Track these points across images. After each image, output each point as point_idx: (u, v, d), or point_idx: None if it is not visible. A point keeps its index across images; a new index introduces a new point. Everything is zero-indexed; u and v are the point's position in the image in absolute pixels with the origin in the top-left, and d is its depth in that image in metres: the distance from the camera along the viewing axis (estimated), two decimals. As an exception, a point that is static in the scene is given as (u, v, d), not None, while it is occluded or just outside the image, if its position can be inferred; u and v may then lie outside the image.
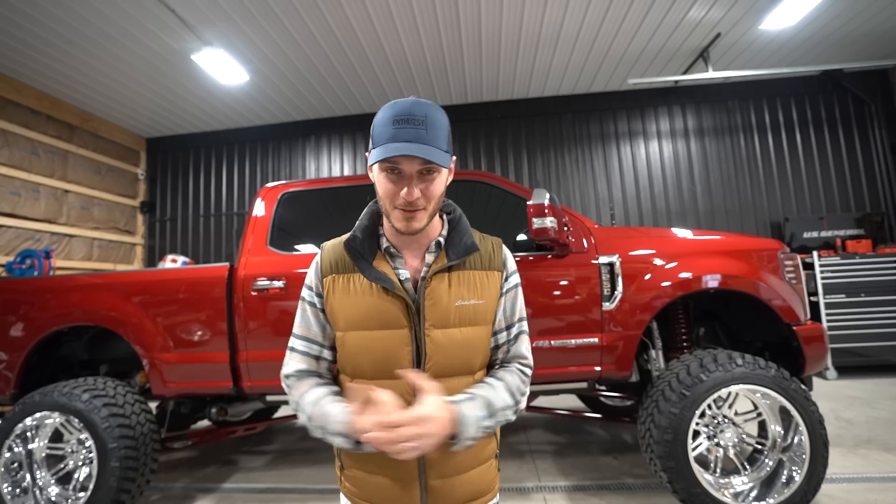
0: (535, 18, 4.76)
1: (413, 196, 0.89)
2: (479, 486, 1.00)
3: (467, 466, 0.98)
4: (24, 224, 5.44)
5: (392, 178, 0.91)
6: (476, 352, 0.99)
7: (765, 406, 2.31)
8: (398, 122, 0.88)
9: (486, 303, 0.99)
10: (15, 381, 2.69)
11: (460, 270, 0.99)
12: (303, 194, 2.94)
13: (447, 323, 0.95)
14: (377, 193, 0.97)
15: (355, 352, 0.97)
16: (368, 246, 1.00)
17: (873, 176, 6.14)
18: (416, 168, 0.89)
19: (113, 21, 4.42)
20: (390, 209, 0.93)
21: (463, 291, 0.97)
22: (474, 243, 1.01)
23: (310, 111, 6.83)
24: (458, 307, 0.96)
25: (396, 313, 0.94)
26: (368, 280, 0.96)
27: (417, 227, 0.93)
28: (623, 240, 2.61)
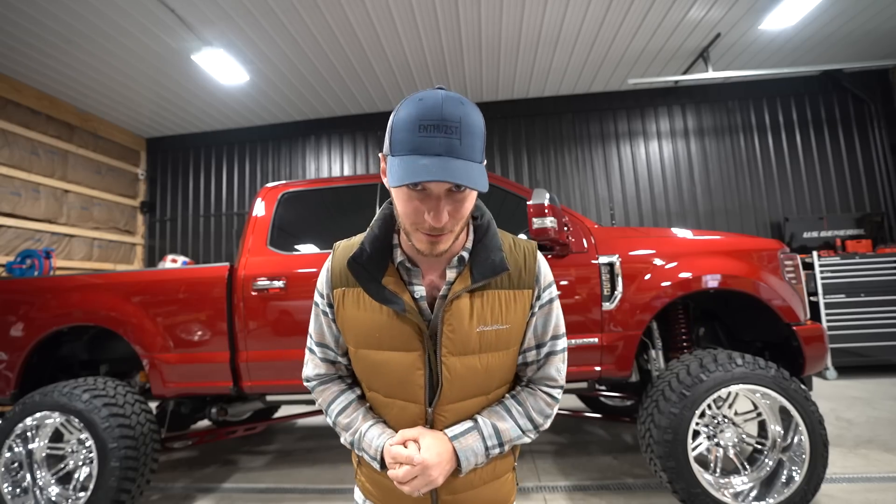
0: (535, 19, 4.76)
1: (441, 222, 0.74)
2: (495, 499, 0.94)
3: (481, 482, 0.91)
4: (25, 224, 5.44)
5: (415, 195, 0.76)
6: (495, 376, 0.90)
7: (765, 406, 2.31)
8: (425, 128, 0.71)
9: (512, 327, 0.88)
10: (15, 380, 2.70)
11: (486, 290, 0.86)
12: (303, 194, 2.94)
13: (466, 350, 0.85)
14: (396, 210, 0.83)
15: (367, 370, 0.92)
16: (378, 261, 0.87)
17: (873, 176, 6.14)
18: (446, 187, 0.74)
19: (113, 21, 4.42)
20: (411, 230, 0.80)
21: (486, 316, 0.85)
22: (503, 261, 0.86)
23: (310, 111, 6.83)
24: (480, 333, 0.85)
25: (409, 335, 0.85)
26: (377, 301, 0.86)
27: (442, 250, 0.80)
28: (623, 240, 2.61)
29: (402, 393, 0.88)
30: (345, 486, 2.89)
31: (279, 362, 2.58)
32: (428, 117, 0.71)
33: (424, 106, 0.72)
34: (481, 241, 0.88)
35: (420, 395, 0.86)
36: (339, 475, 3.08)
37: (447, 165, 0.70)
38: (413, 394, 0.87)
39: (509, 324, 0.87)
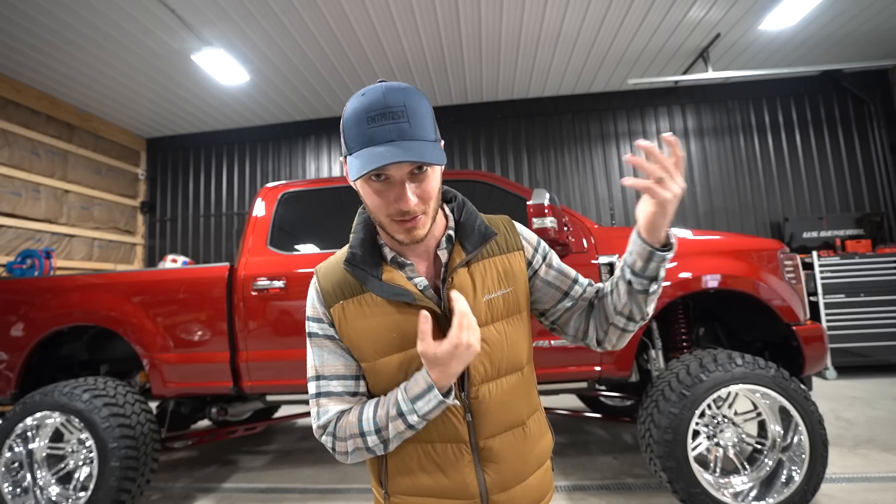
0: (535, 18, 4.76)
1: (409, 204, 0.76)
2: (540, 491, 0.91)
3: (529, 472, 0.88)
4: (25, 224, 5.44)
5: (379, 186, 0.77)
6: (519, 344, 0.89)
7: (764, 406, 2.32)
8: (373, 119, 0.73)
9: (516, 289, 0.90)
10: (15, 380, 2.70)
11: (479, 261, 0.88)
12: (303, 194, 2.94)
13: (480, 322, 0.83)
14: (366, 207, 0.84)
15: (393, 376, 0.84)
16: (371, 260, 0.86)
17: (873, 176, 6.14)
18: (406, 169, 0.75)
19: (113, 21, 4.42)
20: (386, 222, 0.80)
21: (489, 284, 0.87)
22: (489, 228, 0.90)
23: (310, 111, 6.83)
24: (487, 302, 0.86)
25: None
26: (384, 298, 0.83)
27: (422, 235, 0.81)
28: (623, 240, 2.61)
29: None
30: (345, 486, 2.90)
31: (279, 362, 2.58)
32: (373, 108, 0.73)
33: (368, 99, 0.74)
34: (462, 218, 0.91)
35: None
36: (338, 475, 3.08)
37: (401, 147, 0.71)
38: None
39: (511, 286, 0.89)
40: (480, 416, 0.84)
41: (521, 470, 0.88)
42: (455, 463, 0.84)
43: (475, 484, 0.84)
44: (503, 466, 0.85)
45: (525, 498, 0.88)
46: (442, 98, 6.60)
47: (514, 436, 0.87)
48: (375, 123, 0.72)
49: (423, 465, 0.85)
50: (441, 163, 0.76)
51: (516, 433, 0.88)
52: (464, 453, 0.84)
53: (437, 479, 0.84)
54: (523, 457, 0.88)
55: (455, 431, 0.83)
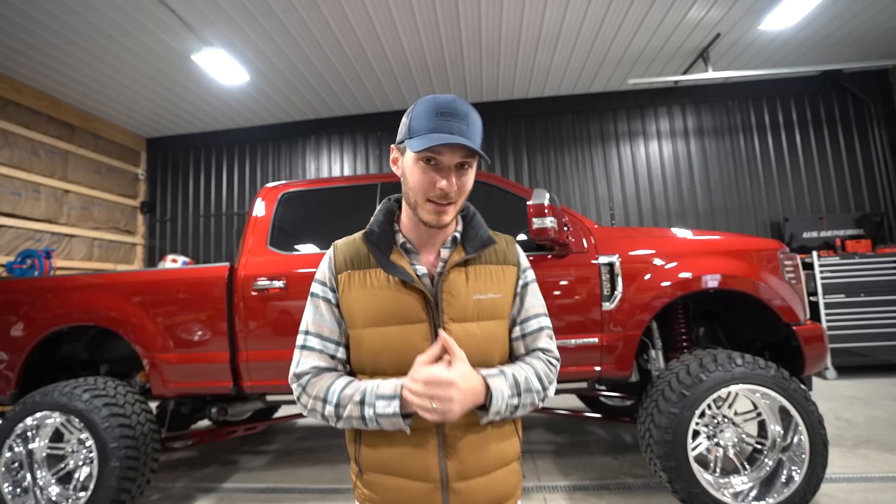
0: (535, 18, 4.76)
1: (452, 186, 0.89)
2: (504, 489, 0.97)
3: (491, 467, 0.94)
4: (25, 224, 5.44)
5: (429, 168, 0.90)
6: (495, 346, 0.97)
7: (764, 406, 2.32)
8: (441, 115, 0.87)
9: (504, 297, 0.99)
10: (15, 380, 2.70)
11: (477, 264, 0.98)
12: (303, 194, 2.94)
13: (465, 317, 0.94)
14: (406, 184, 0.95)
15: (375, 348, 0.94)
16: (385, 241, 0.99)
17: (873, 176, 6.14)
18: (456, 160, 0.89)
19: (113, 21, 4.43)
20: (422, 201, 0.92)
21: (481, 285, 0.96)
22: (490, 237, 1.01)
23: (310, 111, 6.83)
24: (477, 301, 0.95)
25: (415, 307, 0.93)
26: (387, 273, 0.95)
27: (446, 221, 0.93)
28: (623, 240, 2.61)
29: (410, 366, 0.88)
30: (345, 486, 2.89)
31: (279, 362, 2.57)
32: (445, 107, 0.88)
33: (441, 100, 0.89)
34: (469, 225, 1.03)
35: None
36: (338, 475, 3.08)
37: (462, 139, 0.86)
38: None
39: (501, 293, 0.99)
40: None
41: (483, 463, 0.94)
42: (421, 447, 0.91)
43: (437, 469, 0.91)
44: (464, 455, 0.92)
45: (486, 492, 0.94)
46: (442, 98, 6.59)
47: (479, 429, 0.93)
48: (443, 118, 0.87)
49: (393, 447, 0.92)
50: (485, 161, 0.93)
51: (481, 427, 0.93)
52: (429, 439, 0.91)
53: (404, 461, 0.92)
54: (485, 451, 0.94)
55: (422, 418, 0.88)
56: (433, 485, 0.91)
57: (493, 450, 0.95)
